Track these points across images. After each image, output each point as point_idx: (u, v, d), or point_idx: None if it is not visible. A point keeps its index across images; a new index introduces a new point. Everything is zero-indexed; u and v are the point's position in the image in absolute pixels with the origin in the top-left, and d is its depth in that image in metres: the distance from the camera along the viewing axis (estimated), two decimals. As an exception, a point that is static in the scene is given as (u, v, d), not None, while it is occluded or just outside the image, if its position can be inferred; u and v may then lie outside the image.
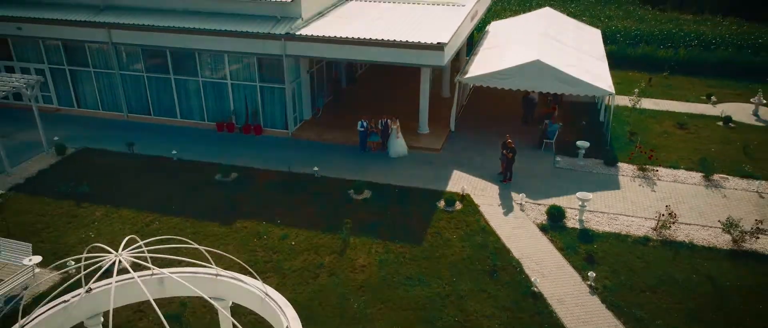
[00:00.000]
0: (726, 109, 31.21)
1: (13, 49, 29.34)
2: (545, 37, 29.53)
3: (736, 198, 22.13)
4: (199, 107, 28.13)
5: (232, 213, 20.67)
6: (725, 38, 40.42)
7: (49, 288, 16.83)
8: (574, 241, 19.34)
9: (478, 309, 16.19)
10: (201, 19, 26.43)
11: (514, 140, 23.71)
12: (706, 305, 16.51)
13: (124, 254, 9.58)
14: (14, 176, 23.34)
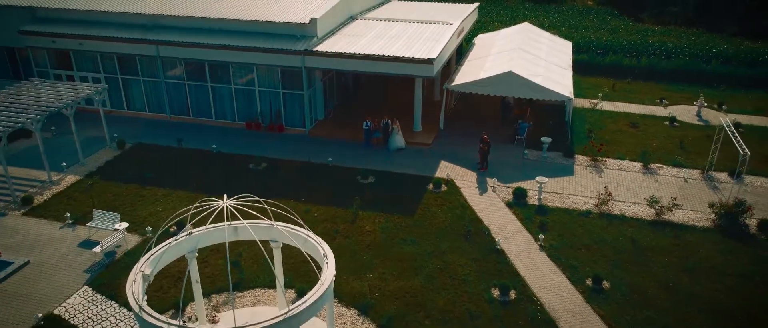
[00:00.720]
0: (674, 110, 36.95)
1: (74, 61, 34.97)
2: (519, 50, 35.20)
3: (665, 182, 27.81)
4: (231, 109, 33.80)
5: (265, 194, 26.27)
6: (683, 48, 46.14)
7: (135, 246, 22.50)
8: (532, 214, 25.00)
9: (455, 260, 21.86)
10: (234, 36, 32.08)
11: (491, 137, 29.43)
12: (626, 259, 22.16)
13: (228, 202, 15.16)
14: (88, 166, 28.99)
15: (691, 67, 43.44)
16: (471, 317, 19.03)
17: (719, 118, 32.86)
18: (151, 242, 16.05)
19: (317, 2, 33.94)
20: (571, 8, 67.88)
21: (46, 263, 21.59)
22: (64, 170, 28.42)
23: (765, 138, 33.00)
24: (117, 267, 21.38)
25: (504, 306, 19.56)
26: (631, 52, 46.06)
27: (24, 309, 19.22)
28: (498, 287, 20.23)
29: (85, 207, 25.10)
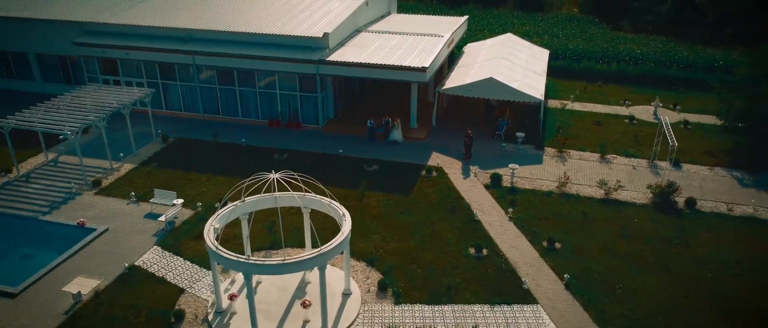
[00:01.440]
0: (634, 110, 43.00)
1: (120, 68, 40.96)
2: (501, 59, 41.22)
3: (617, 169, 33.85)
4: (255, 109, 39.80)
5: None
6: (649, 55, 52.18)
7: (189, 217, 28.47)
8: (504, 193, 31.02)
9: (441, 228, 27.87)
10: (258, 48, 38.07)
11: (474, 133, 35.46)
12: (576, 227, 28.15)
13: (277, 175, 21.15)
14: (140, 156, 35.00)
15: (655, 72, 49.43)
16: (452, 267, 25.05)
17: (674, 116, 38.85)
18: (220, 204, 22.06)
19: (328, 18, 40.02)
20: (556, 16, 73.91)
21: (121, 230, 27.60)
22: (121, 160, 34.43)
23: (708, 134, 38.98)
24: (177, 233, 27.39)
25: (478, 260, 25.58)
26: (603, 58, 52.08)
27: (112, 262, 25.22)
28: (474, 246, 26.25)
29: (144, 188, 31.12)
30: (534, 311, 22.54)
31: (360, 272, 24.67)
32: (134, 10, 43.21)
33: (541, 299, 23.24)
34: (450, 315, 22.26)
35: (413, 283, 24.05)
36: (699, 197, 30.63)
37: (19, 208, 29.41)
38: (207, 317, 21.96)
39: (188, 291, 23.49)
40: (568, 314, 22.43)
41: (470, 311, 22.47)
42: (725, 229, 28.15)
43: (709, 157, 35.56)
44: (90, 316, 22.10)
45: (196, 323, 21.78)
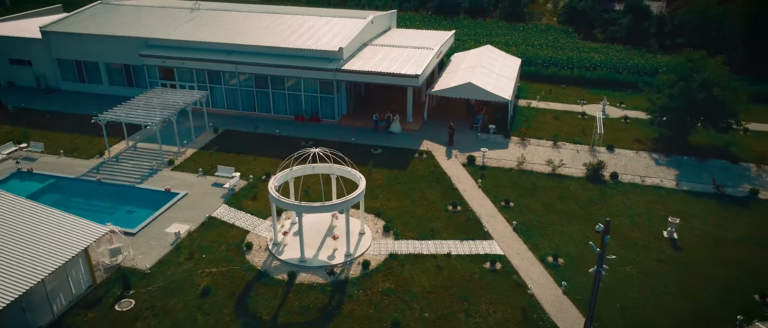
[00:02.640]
0: (586, 108, 53.54)
1: (176, 74, 51.43)
2: (480, 67, 51.72)
3: (564, 153, 44.34)
4: (284, 107, 50.27)
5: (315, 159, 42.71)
6: (606, 62, 62.71)
7: (244, 185, 38.96)
8: (477, 170, 41.54)
9: (429, 193, 38.39)
10: (288, 58, 48.55)
11: (456, 125, 45.95)
12: (526, 193, 38.63)
13: (317, 150, 31.65)
14: (198, 143, 45.50)
15: (609, 77, 60.00)
16: (435, 217, 35.55)
17: (618, 113, 49.42)
18: (280, 168, 32.56)
19: (342, 35, 50.58)
20: (536, 26, 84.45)
21: (197, 194, 38.11)
22: (185, 145, 44.94)
23: (640, 126, 49.47)
24: (237, 196, 37.89)
25: (453, 213, 36.08)
26: (568, 65, 62.62)
27: (195, 215, 35.71)
28: (451, 204, 36.79)
29: (207, 165, 41.61)
30: (490, 244, 33.07)
31: (370, 220, 35.19)
32: (185, 28, 53.75)
33: (496, 237, 33.78)
34: (432, 246, 32.80)
35: (407, 227, 34.61)
36: (621, 172, 41.24)
37: (118, 179, 39.93)
38: (268, 247, 32.48)
39: (251, 232, 34.01)
40: (513, 245, 32.97)
41: (446, 244, 33.01)
42: (635, 193, 38.74)
43: (637, 144, 46.16)
44: (188, 246, 32.60)
45: (260, 250, 32.30)
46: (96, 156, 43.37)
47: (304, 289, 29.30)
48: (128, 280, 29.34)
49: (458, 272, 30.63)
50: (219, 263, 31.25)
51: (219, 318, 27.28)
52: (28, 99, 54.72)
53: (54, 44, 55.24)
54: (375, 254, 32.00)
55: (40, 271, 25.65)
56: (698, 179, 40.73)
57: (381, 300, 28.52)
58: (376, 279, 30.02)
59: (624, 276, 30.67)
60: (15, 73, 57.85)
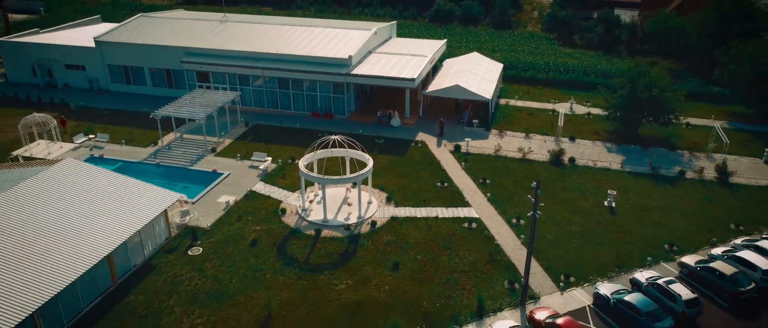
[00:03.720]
0: (557, 106, 63.31)
1: (211, 78, 61.19)
2: (466, 71, 61.47)
3: (534, 143, 54.12)
4: (302, 105, 60.02)
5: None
6: (577, 66, 72.46)
7: (274, 168, 48.75)
8: (462, 156, 51.34)
9: (422, 173, 48.18)
10: (306, 64, 58.32)
11: (445, 120, 55.76)
12: (501, 173, 48.41)
13: (338, 136, 41.40)
14: (233, 134, 55.24)
15: (579, 79, 69.78)
16: (426, 191, 45.31)
17: (583, 110, 59.31)
18: (310, 149, 42.37)
19: (351, 45, 60.35)
20: (521, 34, 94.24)
21: (237, 174, 47.85)
22: (223, 136, 54.69)
23: (600, 121, 59.16)
24: (270, 175, 47.64)
25: (441, 189, 45.86)
26: (544, 69, 72.40)
27: (238, 189, 45.45)
28: (439, 182, 46.58)
29: (243, 152, 51.34)
30: (469, 210, 42.82)
31: (376, 193, 44.97)
32: (217, 38, 63.52)
33: (474, 205, 43.56)
34: (424, 211, 42.56)
35: (405, 197, 44.39)
36: (578, 158, 51.04)
37: (173, 162, 49.69)
38: (298, 211, 42.25)
39: (284, 202, 43.76)
40: (486, 211, 42.72)
41: (435, 210, 42.76)
42: (587, 174, 48.54)
43: (594, 135, 55.98)
44: (236, 211, 42.34)
45: (292, 214, 42.06)
46: (151, 145, 53.11)
47: (327, 241, 39.09)
48: (196, 234, 39.14)
49: (443, 229, 40.43)
50: (261, 223, 41.03)
51: (265, 260, 37.05)
52: (85, 99, 64.48)
53: (105, 52, 65.01)
54: (380, 217, 41.78)
55: (137, 223, 35.41)
56: (639, 163, 50.55)
57: (385, 248, 38.30)
58: (381, 234, 39.82)
59: (570, 232, 40.45)
60: (70, 77, 67.62)
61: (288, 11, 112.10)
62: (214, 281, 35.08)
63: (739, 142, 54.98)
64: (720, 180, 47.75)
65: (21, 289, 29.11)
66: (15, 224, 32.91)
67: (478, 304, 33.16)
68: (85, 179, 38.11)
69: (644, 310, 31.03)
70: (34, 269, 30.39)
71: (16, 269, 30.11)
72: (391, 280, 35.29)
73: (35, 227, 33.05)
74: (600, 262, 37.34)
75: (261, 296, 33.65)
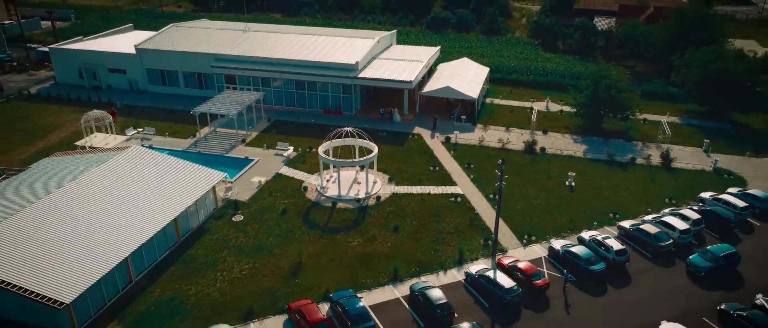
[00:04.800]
0: (535, 105, 73.46)
1: (238, 80, 71.29)
2: (456, 74, 71.59)
3: (512, 135, 64.26)
4: (316, 103, 70.15)
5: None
6: (556, 70, 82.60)
7: (295, 155, 58.87)
8: (451, 146, 61.47)
9: (418, 160, 58.31)
10: (319, 69, 68.44)
11: (438, 116, 66.00)
12: (483, 159, 58.52)
13: (349, 128, 51.52)
14: (257, 128, 65.33)
15: (556, 81, 79.89)
16: (421, 174, 55.45)
17: (557, 107, 69.60)
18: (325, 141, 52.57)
19: (357, 52, 70.47)
20: (508, 40, 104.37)
21: (265, 160, 57.94)
22: (250, 130, 64.77)
23: (571, 117, 69.27)
24: (293, 161, 57.75)
25: (433, 172, 56.00)
26: (526, 72, 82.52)
27: (267, 172, 55.54)
28: (432, 166, 56.72)
29: (269, 142, 61.42)
30: (455, 189, 52.93)
31: (380, 175, 55.07)
32: (242, 46, 73.62)
33: (459, 184, 53.67)
34: (419, 189, 52.69)
35: (403, 178, 54.51)
36: (548, 148, 61.16)
37: (211, 151, 59.75)
38: (317, 189, 52.34)
39: (305, 181, 53.85)
40: (469, 189, 52.85)
41: (427, 188, 52.88)
42: (554, 160, 58.66)
43: (564, 129, 66.14)
44: (267, 188, 52.41)
45: (312, 191, 52.13)
46: (190, 137, 63.18)
47: (341, 211, 49.18)
48: (238, 205, 49.24)
49: (434, 203, 50.54)
50: (288, 197, 51.12)
51: (294, 225, 47.13)
52: (127, 98, 74.59)
53: (144, 57, 75.11)
54: (383, 193, 51.89)
55: (193, 195, 45.48)
56: (599, 152, 60.69)
57: (387, 216, 48.39)
58: (384, 206, 49.92)
59: (534, 205, 50.55)
60: (113, 79, 77.71)
61: (297, 18, 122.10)
62: (255, 239, 45.18)
63: (686, 134, 65.18)
64: (664, 165, 57.87)
65: (118, 240, 39.19)
66: (106, 194, 43.01)
67: (459, 255, 43.24)
68: (151, 162, 48.20)
69: (584, 257, 41.16)
70: (125, 226, 40.48)
71: (113, 226, 40.21)
72: (393, 238, 45.40)
73: (121, 196, 43.16)
74: (556, 226, 47.45)
75: (293, 250, 43.74)
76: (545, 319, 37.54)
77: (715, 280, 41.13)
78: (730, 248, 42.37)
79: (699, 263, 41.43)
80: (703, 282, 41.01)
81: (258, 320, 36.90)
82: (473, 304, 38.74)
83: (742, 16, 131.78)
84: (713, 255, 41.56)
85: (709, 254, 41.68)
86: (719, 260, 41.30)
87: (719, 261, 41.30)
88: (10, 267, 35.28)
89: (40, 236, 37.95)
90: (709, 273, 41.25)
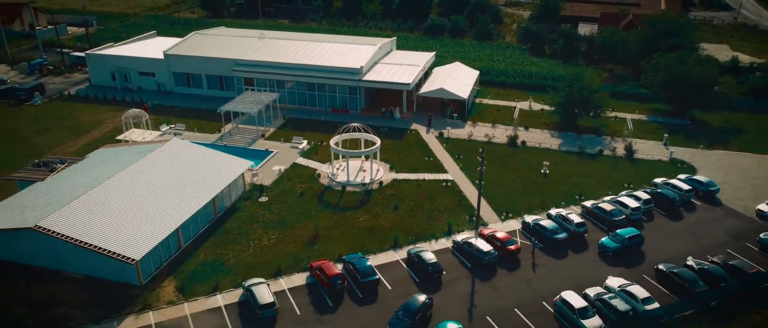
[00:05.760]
0: (520, 104, 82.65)
1: (256, 82, 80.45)
2: (449, 77, 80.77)
3: (497, 131, 73.46)
4: (325, 103, 79.31)
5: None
6: (539, 73, 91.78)
7: (309, 147, 68.06)
8: (444, 140, 70.65)
9: (415, 151, 67.49)
10: (327, 72, 77.60)
11: (433, 114, 75.21)
12: (471, 151, 67.62)
13: (354, 123, 60.68)
14: (274, 124, 74.50)
15: (540, 83, 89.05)
16: (418, 163, 64.61)
17: (538, 106, 78.97)
18: (338, 131, 61.83)
19: (362, 57, 79.65)
20: (499, 45, 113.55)
21: (283, 152, 67.07)
22: (267, 126, 73.92)
23: (550, 115, 78.40)
24: (306, 153, 66.88)
25: (428, 161, 65.17)
26: (512, 75, 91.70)
27: (285, 161, 64.69)
28: (427, 157, 65.88)
29: (285, 136, 70.54)
30: (446, 175, 62.10)
31: (382, 164, 64.22)
32: (259, 52, 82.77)
33: (450, 172, 62.83)
34: (415, 176, 61.85)
35: (402, 167, 63.69)
36: (529, 141, 70.32)
37: (235, 144, 68.87)
38: (329, 176, 61.51)
39: (319, 169, 63.02)
40: (459, 176, 62.02)
41: (423, 175, 62.04)
42: (533, 152, 67.82)
43: (544, 125, 75.36)
44: (286, 175, 61.51)
45: (325, 177, 61.27)
46: (216, 132, 72.29)
47: (350, 193, 58.33)
48: (263, 188, 58.38)
49: (428, 187, 59.68)
50: (304, 182, 60.26)
51: (311, 204, 56.23)
52: (155, 98, 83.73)
53: (171, 62, 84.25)
54: (385, 179, 61.05)
55: (227, 179, 54.60)
56: (572, 145, 69.87)
57: (389, 197, 57.53)
58: (386, 189, 59.08)
59: (513, 189, 59.72)
60: (142, 81, 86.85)
61: (303, 24, 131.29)
62: (279, 215, 54.31)
63: (650, 130, 74.40)
64: (627, 156, 67.02)
65: (170, 213, 48.31)
66: (157, 177, 52.16)
67: (448, 228, 52.39)
68: (189, 152, 57.33)
69: (550, 228, 50.30)
70: (174, 203, 49.61)
71: (165, 202, 49.34)
72: (393, 215, 54.54)
73: (169, 179, 52.29)
74: (530, 205, 56.59)
75: (310, 224, 52.86)
76: (516, 276, 46.69)
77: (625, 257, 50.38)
78: (634, 230, 50.08)
79: (608, 245, 49.16)
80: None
81: (286, 276, 46.04)
82: (458, 265, 47.90)
83: (719, 22, 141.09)
84: (621, 237, 49.41)
85: (618, 237, 49.66)
86: (625, 242, 49.31)
87: (625, 242, 49.26)
88: (91, 231, 44.40)
89: (110, 210, 47.07)
90: (616, 253, 48.67)
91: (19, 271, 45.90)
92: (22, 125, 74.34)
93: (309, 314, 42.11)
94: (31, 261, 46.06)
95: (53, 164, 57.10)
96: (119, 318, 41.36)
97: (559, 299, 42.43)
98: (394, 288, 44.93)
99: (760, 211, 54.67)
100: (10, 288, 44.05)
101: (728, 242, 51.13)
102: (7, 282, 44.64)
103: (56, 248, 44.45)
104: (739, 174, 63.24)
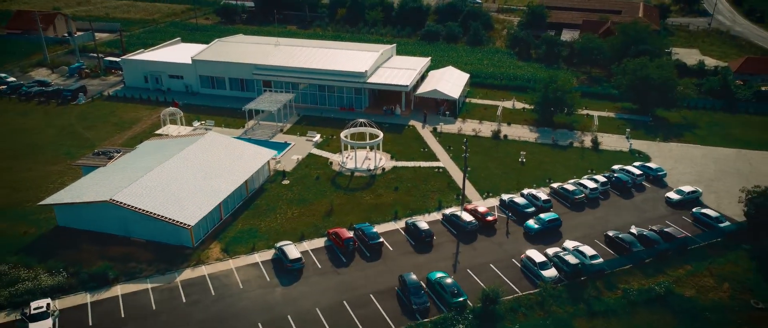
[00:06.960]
0: (504, 103, 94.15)
1: (273, 84, 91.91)
2: (443, 79, 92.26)
3: (484, 126, 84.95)
4: (334, 102, 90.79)
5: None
6: (523, 76, 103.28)
7: (322, 140, 79.52)
8: (438, 134, 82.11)
9: (412, 144, 79.00)
10: (335, 75, 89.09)
11: (428, 112, 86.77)
12: (460, 143, 79.13)
13: (360, 119, 72.20)
14: (290, 121, 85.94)
15: (523, 85, 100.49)
16: (414, 153, 76.09)
17: (520, 105, 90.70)
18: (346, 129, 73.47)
19: (366, 62, 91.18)
20: (489, 49, 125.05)
21: (299, 145, 78.52)
22: (284, 122, 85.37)
23: (530, 112, 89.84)
24: (319, 145, 78.36)
25: (424, 152, 76.68)
26: (499, 77, 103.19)
27: (302, 152, 76.11)
28: (422, 148, 77.40)
29: (300, 131, 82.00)
30: (438, 163, 73.58)
31: (385, 154, 75.69)
32: (275, 57, 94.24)
33: (442, 160, 74.30)
34: (413, 163, 73.35)
35: (402, 156, 75.19)
36: (510, 135, 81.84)
37: (258, 137, 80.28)
38: (340, 163, 73.00)
39: (330, 159, 74.51)
40: (449, 164, 73.50)
41: (419, 163, 73.54)
42: (513, 144, 79.34)
43: (524, 122, 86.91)
44: (304, 163, 72.94)
45: (336, 165, 72.75)
46: (240, 128, 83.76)
47: (357, 177, 69.81)
48: (285, 173, 69.86)
49: (423, 172, 71.18)
50: (319, 169, 71.73)
51: (325, 186, 67.70)
52: (184, 98, 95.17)
53: (198, 66, 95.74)
54: (387, 166, 72.55)
55: (256, 165, 66.04)
56: (547, 138, 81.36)
57: (390, 181, 69.01)
58: (388, 174, 70.58)
59: (494, 173, 71.23)
60: (172, 83, 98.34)
61: (310, 30, 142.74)
62: (299, 195, 65.78)
63: (616, 125, 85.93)
64: (593, 148, 78.51)
65: (213, 192, 59.74)
66: (200, 162, 63.62)
67: (438, 204, 63.86)
68: (223, 143, 68.81)
69: (521, 204, 61.82)
70: (216, 183, 61.05)
71: (209, 183, 60.80)
72: (394, 195, 66.02)
73: (210, 164, 63.73)
74: (507, 186, 68.08)
75: (326, 201, 64.31)
76: (492, 240, 58.16)
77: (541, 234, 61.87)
78: (554, 215, 60.20)
79: (531, 227, 59.30)
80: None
81: (308, 240, 57.51)
82: (446, 232, 59.36)
83: (695, 28, 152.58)
84: (541, 221, 59.74)
85: (539, 220, 59.90)
86: (545, 224, 59.53)
87: (545, 225, 59.47)
88: (153, 204, 55.80)
89: (166, 188, 58.50)
90: (538, 233, 58.39)
91: (94, 237, 57.30)
92: (73, 122, 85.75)
93: (328, 268, 53.60)
94: (103, 229, 57.43)
95: (111, 153, 68.50)
96: (179, 270, 52.83)
97: (525, 256, 53.93)
98: (394, 249, 56.39)
99: (668, 198, 65.24)
100: (90, 250, 55.46)
101: (668, 216, 62.67)
102: (88, 245, 56.04)
103: (125, 217, 55.83)
104: (686, 162, 74.79)
